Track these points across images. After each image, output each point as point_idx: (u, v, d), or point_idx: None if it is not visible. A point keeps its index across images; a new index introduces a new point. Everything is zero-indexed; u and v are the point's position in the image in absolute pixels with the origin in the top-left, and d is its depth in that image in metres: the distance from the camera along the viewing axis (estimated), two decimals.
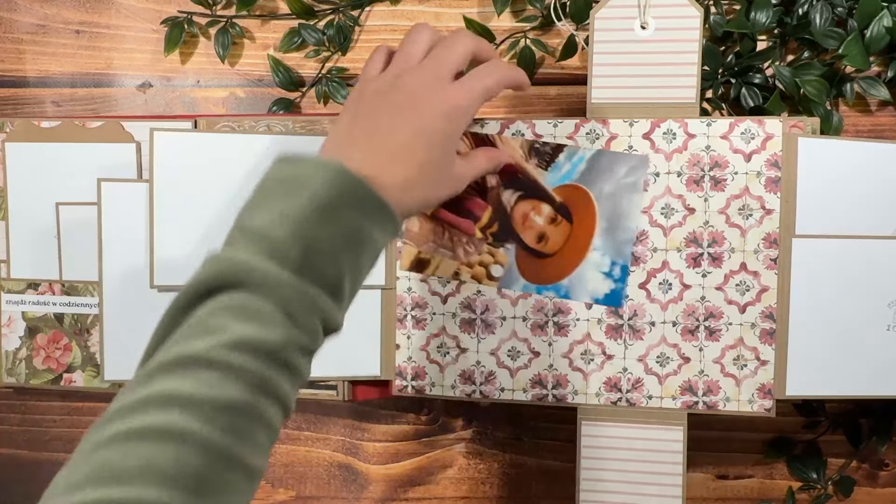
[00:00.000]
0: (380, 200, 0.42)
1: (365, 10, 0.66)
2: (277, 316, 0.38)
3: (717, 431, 0.64)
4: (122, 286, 0.58)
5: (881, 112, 0.62)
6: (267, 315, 0.38)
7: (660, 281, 0.55)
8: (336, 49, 0.66)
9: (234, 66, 0.67)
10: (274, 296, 0.38)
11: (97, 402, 0.68)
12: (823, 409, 0.63)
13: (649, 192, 0.55)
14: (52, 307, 0.64)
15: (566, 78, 0.65)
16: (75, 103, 0.68)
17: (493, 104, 0.65)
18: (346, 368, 0.59)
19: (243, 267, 0.39)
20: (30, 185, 0.63)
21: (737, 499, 0.64)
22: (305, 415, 0.67)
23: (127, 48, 0.68)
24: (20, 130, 0.63)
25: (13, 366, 0.64)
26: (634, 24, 0.54)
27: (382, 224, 0.42)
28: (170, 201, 0.57)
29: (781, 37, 0.61)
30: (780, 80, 0.60)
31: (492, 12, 0.64)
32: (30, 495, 0.69)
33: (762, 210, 0.54)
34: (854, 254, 0.54)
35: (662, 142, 0.54)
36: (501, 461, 0.66)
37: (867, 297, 0.54)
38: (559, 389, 0.56)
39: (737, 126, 0.54)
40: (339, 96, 0.65)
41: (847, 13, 0.60)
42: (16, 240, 0.64)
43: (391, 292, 0.58)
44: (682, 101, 0.54)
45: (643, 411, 0.56)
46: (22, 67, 0.69)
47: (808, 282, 0.54)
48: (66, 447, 0.68)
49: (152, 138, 0.57)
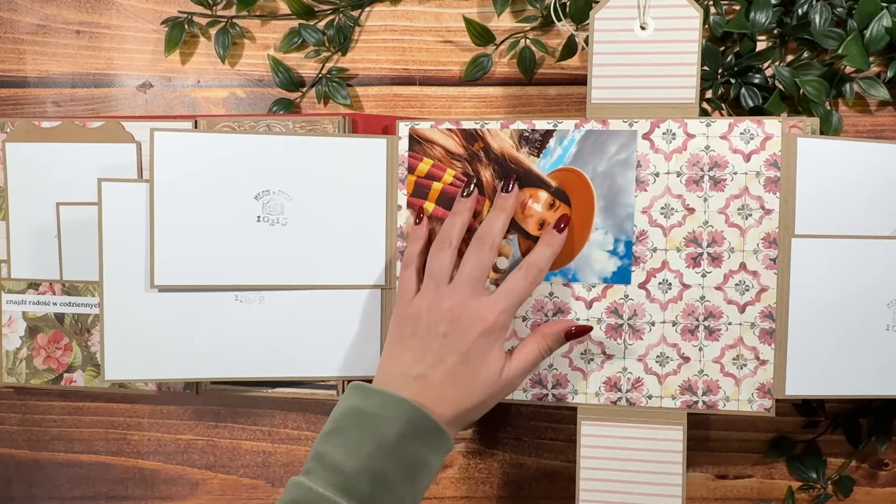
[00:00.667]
0: (440, 430, 0.48)
1: (365, 10, 0.66)
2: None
3: (717, 431, 0.64)
4: (122, 286, 0.58)
5: (881, 112, 0.62)
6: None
7: (659, 281, 0.55)
8: (336, 49, 0.66)
9: (234, 67, 0.68)
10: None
11: (97, 402, 0.68)
12: (823, 408, 0.63)
13: (649, 192, 0.55)
14: (53, 307, 0.64)
15: (566, 78, 0.65)
16: (76, 103, 0.68)
17: (493, 105, 0.65)
18: (346, 368, 0.59)
19: (320, 499, 0.45)
20: (30, 185, 0.63)
21: (737, 499, 0.64)
22: (305, 415, 0.67)
23: (127, 48, 0.68)
24: (20, 130, 0.63)
25: (13, 366, 0.64)
26: (634, 24, 0.54)
27: (441, 451, 0.49)
28: (170, 201, 0.57)
29: (781, 37, 0.61)
30: (780, 81, 0.60)
31: (492, 12, 0.64)
32: (30, 495, 0.70)
33: (761, 210, 0.54)
34: (853, 254, 0.54)
35: (662, 142, 0.55)
36: (501, 461, 0.66)
37: (867, 296, 0.54)
38: (559, 389, 0.56)
39: (736, 126, 0.54)
40: (338, 96, 0.65)
41: (847, 13, 0.60)
42: (16, 240, 0.64)
43: (391, 292, 0.59)
44: (682, 102, 0.54)
45: (643, 411, 0.56)
46: (22, 67, 0.69)
47: (807, 282, 0.54)
48: (66, 447, 0.69)
49: (152, 138, 0.57)
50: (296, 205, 0.58)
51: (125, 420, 0.68)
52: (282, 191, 0.58)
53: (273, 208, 0.58)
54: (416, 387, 0.49)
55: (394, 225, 0.58)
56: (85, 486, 0.68)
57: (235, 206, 0.57)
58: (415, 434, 0.47)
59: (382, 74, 0.66)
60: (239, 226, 0.57)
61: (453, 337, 0.50)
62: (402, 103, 0.66)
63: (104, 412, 0.68)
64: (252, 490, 0.67)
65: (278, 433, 0.67)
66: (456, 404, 0.50)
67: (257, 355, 0.59)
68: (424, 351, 0.50)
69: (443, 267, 0.52)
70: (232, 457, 0.68)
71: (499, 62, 0.65)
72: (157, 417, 0.68)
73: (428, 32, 0.66)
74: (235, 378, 0.59)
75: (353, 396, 0.50)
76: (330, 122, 0.61)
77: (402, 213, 0.58)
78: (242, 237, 0.58)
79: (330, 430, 0.49)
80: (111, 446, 0.68)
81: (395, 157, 0.58)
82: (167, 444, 0.68)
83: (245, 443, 0.67)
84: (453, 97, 0.66)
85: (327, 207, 0.58)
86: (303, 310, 0.59)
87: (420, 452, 0.48)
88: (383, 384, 0.50)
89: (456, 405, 0.50)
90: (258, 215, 0.58)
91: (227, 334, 0.58)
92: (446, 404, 0.49)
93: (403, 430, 0.47)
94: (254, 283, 0.58)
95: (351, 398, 0.50)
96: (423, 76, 0.66)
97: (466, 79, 0.65)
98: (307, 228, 0.58)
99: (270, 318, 0.58)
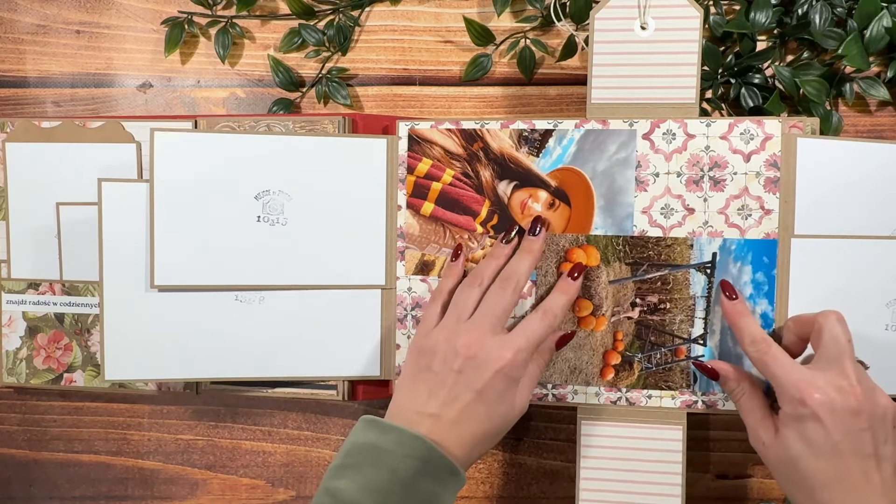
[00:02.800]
0: (453, 467, 0.48)
1: (365, 10, 0.66)
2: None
3: (717, 431, 0.64)
4: (122, 286, 0.58)
5: (881, 112, 0.62)
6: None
7: None
8: (336, 49, 0.66)
9: (234, 67, 0.68)
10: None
11: (97, 402, 0.68)
12: None
13: (649, 192, 0.55)
14: (53, 307, 0.64)
15: (566, 78, 0.65)
16: (76, 103, 0.68)
17: (493, 105, 0.65)
18: (346, 368, 0.59)
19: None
20: (30, 185, 0.63)
21: (737, 499, 0.64)
22: (305, 415, 0.67)
23: (127, 48, 0.68)
24: (20, 130, 0.63)
25: (13, 366, 0.64)
26: (634, 24, 0.54)
27: (453, 487, 0.48)
28: (170, 201, 0.57)
29: (781, 37, 0.61)
30: (780, 81, 0.60)
31: (492, 12, 0.64)
32: (30, 495, 0.70)
33: (761, 210, 0.54)
34: (853, 254, 0.54)
35: (662, 142, 0.55)
36: (501, 461, 0.66)
37: (866, 296, 0.54)
38: (559, 389, 0.57)
39: (736, 126, 0.54)
40: (338, 96, 0.65)
41: (847, 13, 0.60)
42: (16, 240, 0.64)
43: (391, 292, 0.59)
44: (682, 102, 0.54)
45: (643, 411, 0.56)
46: (22, 67, 0.69)
47: (807, 282, 0.54)
48: (66, 447, 0.69)
49: (152, 138, 0.57)
50: (296, 205, 0.58)
51: (125, 420, 0.68)
52: (282, 191, 0.58)
53: (273, 208, 0.58)
54: (429, 424, 0.49)
55: (394, 225, 0.58)
56: (85, 486, 0.68)
57: (235, 206, 0.58)
58: (431, 472, 0.47)
59: (382, 74, 0.66)
60: (239, 226, 0.58)
61: (468, 374, 0.49)
62: (402, 103, 0.66)
63: (104, 412, 0.68)
64: (252, 490, 0.67)
65: (278, 433, 0.67)
66: (470, 441, 0.49)
67: (257, 355, 0.59)
68: (439, 387, 0.50)
69: (467, 302, 0.52)
70: (232, 457, 0.68)
71: (499, 62, 0.65)
72: (157, 417, 0.68)
73: (428, 32, 0.66)
74: (235, 378, 0.59)
75: (368, 431, 0.49)
76: (330, 122, 0.61)
77: (402, 213, 0.58)
78: (242, 237, 0.58)
79: (343, 464, 0.48)
80: (111, 446, 0.68)
81: (395, 157, 0.58)
82: (167, 444, 0.68)
83: (245, 443, 0.67)
84: (453, 97, 0.66)
85: (327, 207, 0.58)
86: (303, 310, 0.59)
87: (436, 491, 0.47)
88: (398, 419, 0.50)
89: (470, 442, 0.49)
90: (258, 215, 0.58)
91: (227, 334, 0.58)
92: (460, 442, 0.49)
93: (420, 469, 0.46)
94: (254, 283, 0.58)
95: (366, 433, 0.49)
96: (423, 76, 0.66)
97: (466, 79, 0.65)
98: (307, 228, 0.58)
99: (270, 318, 0.58)
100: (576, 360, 0.55)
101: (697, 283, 0.54)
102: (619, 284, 0.54)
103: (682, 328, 0.54)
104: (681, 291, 0.54)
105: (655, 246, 0.54)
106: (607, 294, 0.54)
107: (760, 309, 0.54)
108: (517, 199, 0.56)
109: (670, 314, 0.54)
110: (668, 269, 0.54)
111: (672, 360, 0.54)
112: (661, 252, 0.54)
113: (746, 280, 0.54)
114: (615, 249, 0.54)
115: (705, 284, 0.54)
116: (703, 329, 0.54)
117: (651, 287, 0.54)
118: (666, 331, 0.54)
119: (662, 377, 0.54)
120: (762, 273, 0.54)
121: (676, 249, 0.54)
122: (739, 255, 0.54)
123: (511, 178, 0.56)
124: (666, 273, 0.54)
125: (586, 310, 0.55)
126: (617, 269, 0.55)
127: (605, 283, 0.54)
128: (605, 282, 0.54)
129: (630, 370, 0.55)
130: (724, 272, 0.54)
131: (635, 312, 0.54)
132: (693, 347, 0.55)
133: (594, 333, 0.55)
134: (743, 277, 0.54)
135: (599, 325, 0.55)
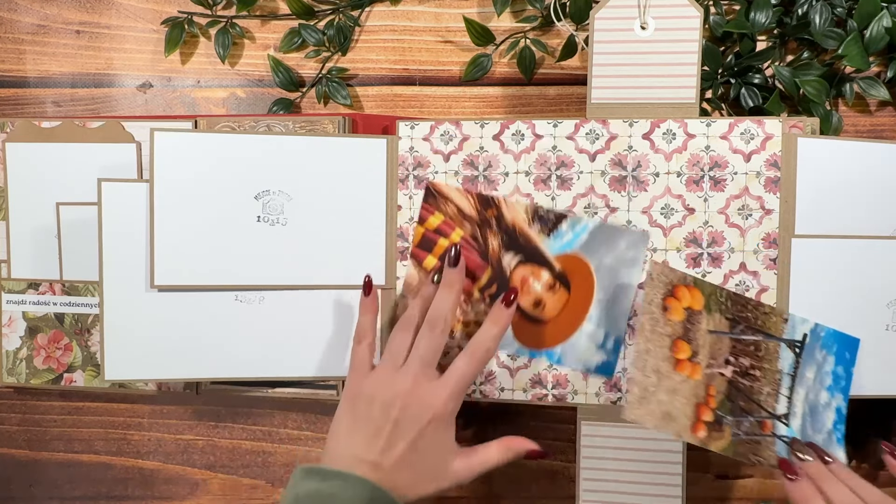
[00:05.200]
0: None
1: (365, 10, 0.66)
2: None
3: None
4: (122, 286, 0.58)
5: (881, 112, 0.62)
6: None
7: None
8: (336, 49, 0.66)
9: (234, 67, 0.68)
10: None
11: (97, 402, 0.68)
12: None
13: (649, 192, 0.55)
14: (53, 307, 0.64)
15: (566, 78, 0.65)
16: (76, 103, 0.68)
17: (493, 105, 0.65)
18: (346, 368, 0.59)
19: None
20: (30, 185, 0.63)
21: (737, 499, 0.64)
22: (305, 415, 0.67)
23: (127, 48, 0.68)
24: (20, 130, 0.63)
25: (13, 366, 0.64)
26: (634, 24, 0.54)
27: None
28: (170, 201, 0.57)
29: (781, 37, 0.61)
30: (780, 81, 0.60)
31: (492, 12, 0.64)
32: (30, 495, 0.70)
33: (762, 210, 0.54)
34: (853, 254, 0.54)
35: (662, 142, 0.55)
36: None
37: (866, 296, 0.54)
38: (559, 389, 0.56)
39: (736, 126, 0.54)
40: (338, 96, 0.65)
41: (847, 13, 0.60)
42: (16, 240, 0.64)
43: (391, 292, 0.59)
44: (682, 102, 0.54)
45: None
46: (22, 67, 0.69)
47: (807, 282, 0.54)
48: (66, 447, 0.69)
49: (152, 138, 0.57)
50: (296, 205, 0.58)
51: (125, 420, 0.68)
52: (282, 191, 0.58)
53: (273, 208, 0.58)
54: (369, 470, 0.49)
55: (394, 225, 0.58)
56: (85, 486, 0.68)
57: (235, 206, 0.58)
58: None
59: (382, 74, 0.66)
60: (239, 226, 0.57)
61: (403, 424, 0.50)
62: (402, 103, 0.66)
63: (104, 412, 0.68)
64: (252, 490, 0.67)
65: (278, 433, 0.67)
66: (409, 487, 0.49)
67: (257, 355, 0.59)
68: (376, 436, 0.50)
69: (401, 348, 0.52)
70: (232, 457, 0.68)
71: (499, 62, 0.65)
72: (157, 417, 0.68)
73: (428, 32, 0.66)
74: (235, 378, 0.59)
75: (308, 480, 0.48)
76: (330, 122, 0.61)
77: (402, 213, 0.58)
78: (242, 237, 0.58)
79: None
80: (111, 446, 0.68)
81: (395, 157, 0.58)
82: (167, 444, 0.68)
83: (245, 443, 0.67)
84: (453, 97, 0.66)
85: (327, 207, 0.58)
86: (303, 310, 0.59)
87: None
88: (337, 465, 0.50)
89: (409, 488, 0.50)
90: (258, 215, 0.58)
91: (227, 334, 0.58)
92: (400, 488, 0.49)
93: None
94: (254, 283, 0.58)
95: (306, 482, 0.48)
96: (423, 76, 0.66)
97: (466, 79, 0.65)
98: (307, 228, 0.58)
99: (270, 318, 0.58)
100: (669, 404, 0.51)
101: (785, 359, 0.53)
102: (716, 336, 0.53)
103: (767, 401, 0.53)
104: (770, 363, 0.53)
105: (754, 309, 0.53)
106: (705, 343, 0.52)
107: (836, 403, 0.53)
108: (519, 273, 0.56)
109: (758, 383, 0.52)
110: (763, 335, 0.53)
111: (759, 433, 0.52)
112: (757, 317, 0.53)
113: (828, 370, 0.53)
114: (718, 300, 0.53)
115: (792, 363, 0.53)
116: (786, 408, 0.53)
117: (745, 349, 0.53)
118: (753, 399, 0.53)
119: (751, 448, 0.52)
120: (842, 368, 0.53)
121: (772, 319, 0.53)
122: (826, 343, 0.53)
123: (517, 251, 0.56)
124: (760, 340, 0.53)
125: (684, 353, 0.52)
126: (717, 321, 0.53)
127: (705, 331, 0.52)
128: (704, 329, 0.52)
129: (720, 431, 0.51)
130: (811, 356, 0.53)
131: (728, 371, 0.52)
132: (776, 424, 0.53)
133: (689, 381, 0.52)
134: (825, 367, 0.53)
135: (695, 372, 0.52)
